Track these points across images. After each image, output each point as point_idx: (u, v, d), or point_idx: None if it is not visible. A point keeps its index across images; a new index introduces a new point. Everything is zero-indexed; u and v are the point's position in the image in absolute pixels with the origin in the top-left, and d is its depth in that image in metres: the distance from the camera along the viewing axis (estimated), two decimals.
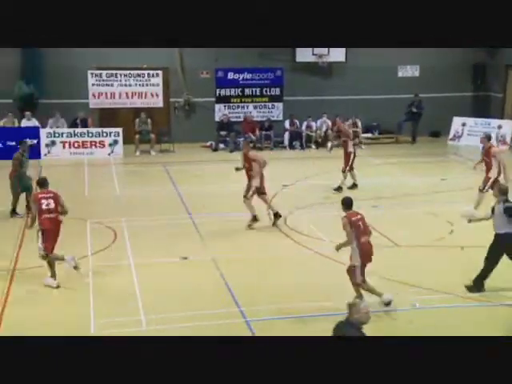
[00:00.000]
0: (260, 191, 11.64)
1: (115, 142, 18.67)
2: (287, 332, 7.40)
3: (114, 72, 19.62)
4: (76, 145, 18.52)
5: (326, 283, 9.15)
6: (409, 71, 22.00)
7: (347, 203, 8.35)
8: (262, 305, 8.43)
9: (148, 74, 19.88)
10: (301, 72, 21.01)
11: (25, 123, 18.58)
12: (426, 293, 8.80)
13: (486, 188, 11.92)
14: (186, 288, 8.92)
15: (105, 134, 18.70)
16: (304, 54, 20.49)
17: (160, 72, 19.92)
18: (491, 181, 11.86)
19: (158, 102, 20.11)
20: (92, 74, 19.47)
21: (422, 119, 21.08)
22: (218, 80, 20.80)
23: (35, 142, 17.33)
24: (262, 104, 21.28)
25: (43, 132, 18.23)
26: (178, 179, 15.62)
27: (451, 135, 21.33)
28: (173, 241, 10.96)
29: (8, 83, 18.61)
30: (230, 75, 20.87)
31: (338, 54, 20.63)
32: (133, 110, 20.07)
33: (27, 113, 18.54)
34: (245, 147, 12.15)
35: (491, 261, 8.54)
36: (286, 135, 20.40)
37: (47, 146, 18.16)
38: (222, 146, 20.15)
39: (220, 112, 20.91)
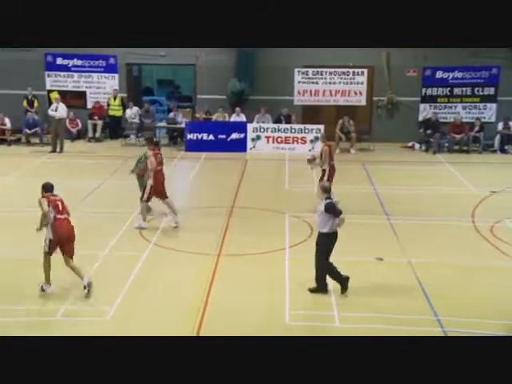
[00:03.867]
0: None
1: (316, 138, 18.98)
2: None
3: (319, 70, 19.94)
4: (279, 140, 19.20)
5: None
6: None
7: (47, 188, 8.74)
8: (461, 316, 7.92)
9: (353, 72, 19.85)
10: None
11: (234, 118, 19.78)
12: None
13: None
14: (380, 289, 8.73)
15: (307, 131, 19.13)
16: None
17: (365, 70, 19.77)
18: None
19: (361, 101, 19.98)
20: (299, 71, 20.01)
21: None
22: (425, 79, 20.08)
23: None
24: (472, 104, 20.05)
25: (250, 127, 19.21)
26: (377, 179, 15.37)
27: None
28: (368, 240, 10.82)
29: (223, 80, 19.99)
30: (439, 74, 20.02)
31: None
32: (335, 107, 20.28)
33: (237, 108, 19.73)
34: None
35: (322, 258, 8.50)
36: (497, 138, 18.98)
37: (253, 140, 19.10)
38: (417, 145, 19.53)
39: (425, 111, 20.18)
